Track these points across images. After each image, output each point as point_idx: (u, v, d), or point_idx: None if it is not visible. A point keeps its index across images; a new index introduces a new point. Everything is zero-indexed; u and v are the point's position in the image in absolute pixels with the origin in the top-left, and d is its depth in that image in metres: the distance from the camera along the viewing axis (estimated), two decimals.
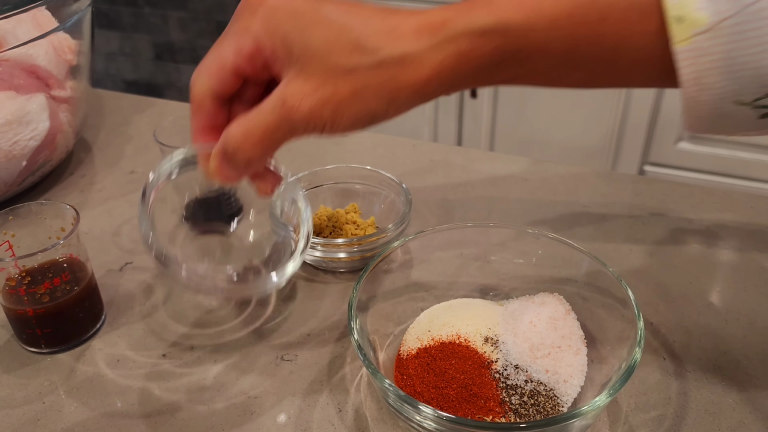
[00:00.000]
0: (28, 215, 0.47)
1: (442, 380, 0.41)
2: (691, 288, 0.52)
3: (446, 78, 0.39)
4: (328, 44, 0.38)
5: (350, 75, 0.38)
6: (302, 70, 0.39)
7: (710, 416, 0.42)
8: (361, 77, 0.38)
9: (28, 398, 0.44)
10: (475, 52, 0.38)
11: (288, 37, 0.39)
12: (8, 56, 0.58)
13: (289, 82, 0.39)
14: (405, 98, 0.39)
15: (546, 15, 0.38)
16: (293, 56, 0.39)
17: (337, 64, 0.38)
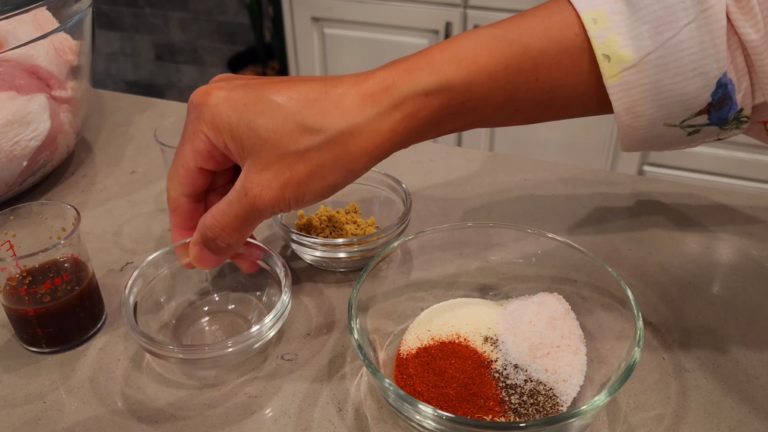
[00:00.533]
0: (29, 215, 0.47)
1: (442, 380, 0.42)
2: (690, 288, 0.52)
3: (398, 140, 0.41)
4: (275, 132, 0.39)
5: (303, 156, 0.40)
6: (256, 160, 0.40)
7: (709, 416, 0.42)
8: (314, 156, 0.40)
9: (29, 398, 0.44)
10: (422, 112, 0.40)
11: (235, 132, 0.40)
12: (9, 57, 0.59)
13: (247, 172, 0.40)
14: (361, 166, 0.41)
15: (484, 69, 0.40)
16: (245, 148, 0.40)
17: (288, 149, 0.39)
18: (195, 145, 0.42)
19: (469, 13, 1.52)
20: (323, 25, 1.68)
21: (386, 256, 0.46)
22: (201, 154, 0.42)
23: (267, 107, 0.40)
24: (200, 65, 2.47)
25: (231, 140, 0.40)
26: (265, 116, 0.39)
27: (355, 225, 0.56)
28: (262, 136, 0.39)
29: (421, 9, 1.56)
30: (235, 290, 0.51)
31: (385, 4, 1.58)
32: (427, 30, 1.58)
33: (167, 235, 0.59)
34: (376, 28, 1.63)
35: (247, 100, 0.40)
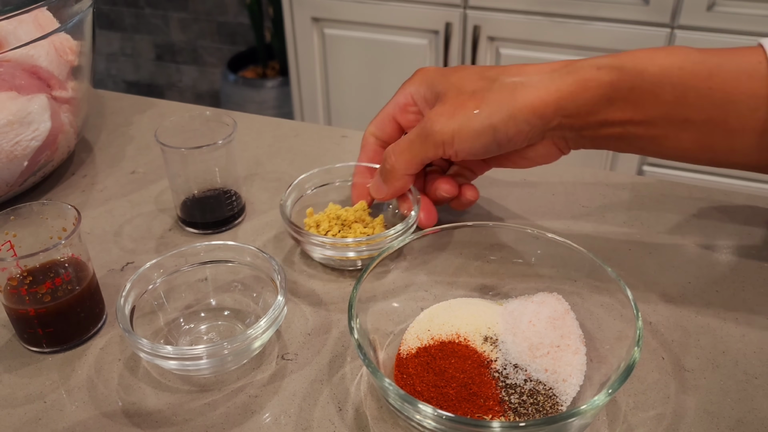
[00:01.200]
0: (30, 215, 0.47)
1: (442, 379, 0.42)
2: (689, 287, 0.52)
3: (563, 104, 0.45)
4: (461, 79, 0.49)
5: (475, 95, 0.47)
6: (441, 100, 0.49)
7: (709, 415, 0.42)
8: (484, 96, 0.46)
9: (29, 397, 0.44)
10: (593, 82, 0.44)
11: (434, 84, 0.50)
12: (9, 57, 0.59)
13: (431, 109, 0.49)
14: (523, 117, 0.45)
15: (657, 63, 0.43)
16: (436, 93, 0.50)
17: (465, 89, 0.48)
18: (398, 99, 0.54)
19: (469, 14, 1.52)
20: (323, 26, 1.68)
21: (386, 256, 0.46)
22: (399, 105, 0.53)
23: (462, 69, 0.50)
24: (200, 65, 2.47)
25: (428, 89, 0.51)
26: (457, 72, 0.50)
27: (364, 224, 0.56)
28: (451, 81, 0.49)
29: (421, 9, 1.56)
30: (232, 294, 0.51)
31: (385, 5, 1.58)
32: (427, 30, 1.59)
33: (167, 235, 0.60)
34: (376, 28, 1.63)
35: (449, 69, 0.51)
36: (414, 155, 0.50)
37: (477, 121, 0.46)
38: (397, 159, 0.51)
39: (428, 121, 0.48)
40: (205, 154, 0.57)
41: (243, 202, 0.62)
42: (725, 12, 1.32)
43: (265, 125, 0.78)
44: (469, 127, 0.46)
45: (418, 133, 0.49)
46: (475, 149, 0.47)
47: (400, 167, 0.51)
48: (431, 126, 0.48)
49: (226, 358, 0.43)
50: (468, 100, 0.47)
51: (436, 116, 0.48)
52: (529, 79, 0.46)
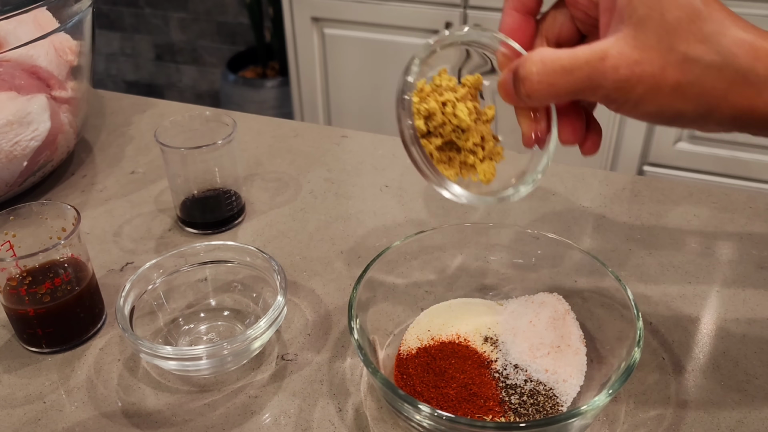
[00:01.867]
0: (29, 215, 0.47)
1: (442, 380, 0.42)
2: (690, 288, 0.52)
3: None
4: (676, 22, 0.33)
5: (684, 64, 0.33)
6: (637, 35, 0.33)
7: (709, 416, 0.42)
8: (694, 71, 0.33)
9: (29, 398, 0.44)
10: None
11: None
12: (9, 57, 0.59)
13: (618, 40, 0.34)
14: (727, 117, 0.34)
15: None
16: (634, 15, 0.34)
17: (676, 48, 0.33)
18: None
19: (469, 13, 1.52)
20: (323, 25, 1.68)
21: (386, 256, 0.46)
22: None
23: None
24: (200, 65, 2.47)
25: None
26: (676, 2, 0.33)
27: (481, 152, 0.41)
28: (662, 17, 0.33)
29: (421, 9, 1.56)
30: (232, 294, 0.51)
31: (385, 5, 1.58)
32: (427, 30, 1.58)
33: (167, 235, 0.59)
34: (376, 28, 1.63)
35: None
36: (565, 92, 0.35)
37: (666, 100, 0.34)
38: (540, 86, 0.35)
39: (607, 67, 0.33)
40: (204, 154, 0.57)
41: (243, 202, 0.62)
42: None
43: (264, 125, 0.78)
44: (652, 101, 0.34)
45: (586, 72, 0.34)
46: (643, 119, 0.36)
47: (540, 97, 0.36)
48: (608, 75, 0.34)
49: (226, 359, 0.43)
50: (671, 68, 0.33)
51: (620, 64, 0.33)
52: (753, 66, 0.33)
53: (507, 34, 0.40)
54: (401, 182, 0.67)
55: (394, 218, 0.62)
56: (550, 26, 0.40)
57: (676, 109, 0.34)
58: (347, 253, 0.57)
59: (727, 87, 0.33)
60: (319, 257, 0.56)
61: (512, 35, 0.40)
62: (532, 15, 0.40)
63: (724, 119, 0.34)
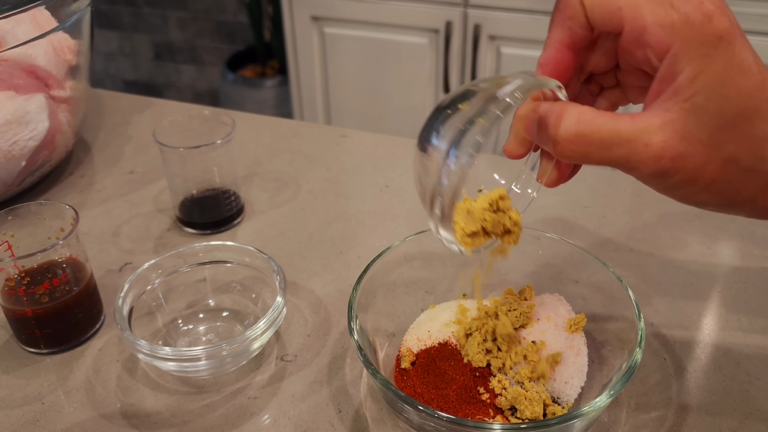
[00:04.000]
0: (28, 215, 0.47)
1: (442, 381, 0.41)
2: (691, 288, 0.52)
3: None
4: (732, 119, 0.30)
5: (725, 165, 0.31)
6: (687, 123, 0.30)
7: (711, 417, 0.42)
8: (731, 172, 0.31)
9: (27, 399, 0.44)
10: None
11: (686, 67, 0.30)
12: (7, 56, 0.58)
13: (665, 125, 0.30)
14: (751, 214, 0.33)
15: None
16: (691, 100, 0.30)
17: (723, 147, 0.30)
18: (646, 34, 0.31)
19: (469, 13, 1.52)
20: (323, 25, 1.68)
21: (386, 256, 0.46)
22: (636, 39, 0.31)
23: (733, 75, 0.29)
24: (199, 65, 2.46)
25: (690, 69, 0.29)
26: (750, 78, 0.30)
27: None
28: (722, 107, 0.29)
29: (421, 8, 1.55)
30: (231, 295, 0.50)
31: (385, 4, 1.58)
32: (428, 29, 1.58)
33: (166, 235, 0.59)
34: (376, 27, 1.63)
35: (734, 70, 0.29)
36: (597, 161, 0.32)
37: (697, 195, 0.32)
38: (571, 151, 0.32)
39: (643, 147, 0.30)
40: (203, 153, 0.57)
41: (242, 202, 0.62)
42: None
43: (264, 125, 0.77)
44: (683, 192, 0.32)
45: (624, 151, 0.31)
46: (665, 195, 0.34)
47: (566, 157, 0.33)
48: (643, 158, 0.31)
49: (225, 360, 0.43)
50: (711, 164, 0.30)
51: (658, 147, 0.30)
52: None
53: (548, 65, 0.36)
54: (401, 182, 0.66)
55: (394, 218, 0.61)
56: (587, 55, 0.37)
57: (702, 200, 0.33)
58: (347, 254, 0.57)
59: (756, 191, 0.32)
60: (318, 257, 0.56)
61: (554, 67, 0.36)
62: (581, 51, 0.36)
63: (749, 214, 0.33)
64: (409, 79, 1.63)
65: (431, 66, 1.61)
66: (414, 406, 0.36)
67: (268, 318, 0.43)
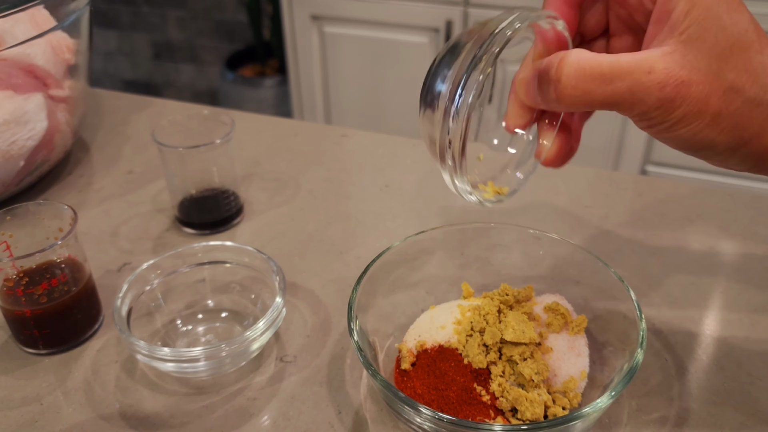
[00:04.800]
0: (26, 215, 0.47)
1: (443, 382, 0.41)
2: (693, 289, 0.52)
3: None
4: (728, 47, 0.31)
5: (728, 94, 0.31)
6: (686, 54, 0.31)
7: (712, 418, 0.41)
8: (735, 103, 0.31)
9: (25, 399, 0.44)
10: None
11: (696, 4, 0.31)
12: (6, 55, 0.58)
13: (665, 56, 0.31)
14: (753, 155, 0.33)
15: None
16: (686, 32, 0.31)
17: (724, 75, 0.31)
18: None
19: (470, 12, 1.52)
20: (322, 24, 1.67)
21: (386, 256, 0.46)
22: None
23: (739, 16, 0.31)
24: (198, 64, 2.46)
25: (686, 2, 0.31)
26: (741, 14, 0.32)
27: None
28: (717, 36, 0.31)
29: (421, 7, 1.55)
30: (230, 295, 0.50)
31: (385, 2, 1.58)
32: (428, 28, 1.58)
33: (165, 235, 0.59)
34: (375, 26, 1.62)
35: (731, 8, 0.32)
36: (600, 101, 0.32)
37: (700, 126, 0.32)
38: (573, 89, 0.32)
39: (648, 81, 0.31)
40: (202, 153, 0.56)
41: (241, 202, 0.61)
42: None
43: (263, 124, 0.77)
44: (687, 126, 0.32)
45: (626, 84, 0.31)
46: (669, 142, 0.34)
47: (570, 102, 0.33)
48: (649, 90, 0.31)
49: (224, 360, 0.43)
50: (715, 94, 0.31)
51: (663, 79, 0.31)
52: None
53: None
54: (401, 182, 0.66)
55: (394, 218, 0.61)
56: (581, 15, 0.37)
57: (709, 139, 0.32)
58: (347, 254, 0.57)
59: (762, 124, 0.32)
60: (318, 258, 0.56)
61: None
62: (579, 7, 0.36)
63: (751, 156, 0.33)
64: (409, 79, 1.63)
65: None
66: (414, 407, 0.36)
67: (268, 318, 0.43)
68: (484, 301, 0.45)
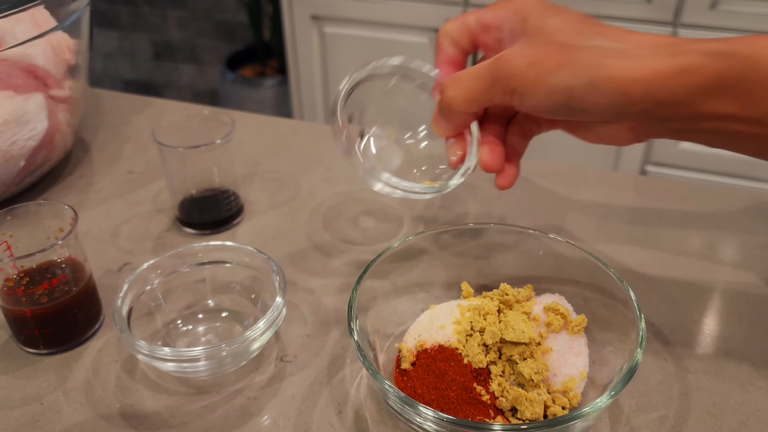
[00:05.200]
0: (27, 215, 0.47)
1: (442, 382, 0.41)
2: (692, 288, 0.52)
3: (656, 87, 0.39)
4: (558, 26, 0.42)
5: (565, 49, 0.40)
6: (526, 41, 0.42)
7: (712, 417, 0.42)
8: (573, 52, 0.40)
9: (26, 399, 0.44)
10: (700, 70, 0.38)
11: (528, 18, 0.43)
12: (6, 56, 0.58)
13: (512, 47, 0.42)
14: (606, 90, 0.39)
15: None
16: (525, 31, 0.43)
17: (556, 39, 0.41)
18: (484, 14, 0.47)
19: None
20: (323, 24, 1.67)
21: (386, 256, 0.46)
22: (483, 23, 0.46)
23: (563, 14, 0.43)
24: (199, 64, 2.46)
25: (520, 21, 0.43)
26: (559, 14, 0.43)
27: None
28: (546, 24, 0.42)
29: (421, 7, 1.55)
30: (230, 295, 0.50)
31: (385, 3, 1.58)
32: (427, 28, 1.58)
33: (165, 235, 0.59)
34: (375, 26, 1.62)
35: (552, 8, 0.44)
36: (477, 93, 0.43)
37: (555, 78, 0.40)
38: (456, 93, 0.44)
39: (503, 61, 0.42)
40: (203, 153, 0.56)
41: (241, 202, 0.62)
42: (728, 10, 1.31)
43: (263, 124, 0.77)
44: (544, 82, 0.40)
45: (488, 71, 0.42)
46: (543, 106, 0.42)
47: (458, 103, 0.44)
48: (505, 67, 0.41)
49: (225, 360, 0.43)
50: (554, 53, 0.40)
51: (514, 57, 0.41)
52: (627, 48, 0.40)
53: (441, 67, 0.48)
54: None
55: (394, 218, 0.61)
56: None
57: (564, 84, 0.40)
58: (347, 254, 0.57)
59: (602, 59, 0.39)
60: (318, 257, 0.56)
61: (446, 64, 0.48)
62: (460, 52, 0.49)
63: (613, 93, 0.39)
64: None
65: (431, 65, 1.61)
66: (414, 406, 0.36)
67: (268, 318, 0.43)
68: (483, 301, 0.45)
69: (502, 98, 0.43)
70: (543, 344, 0.43)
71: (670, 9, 1.36)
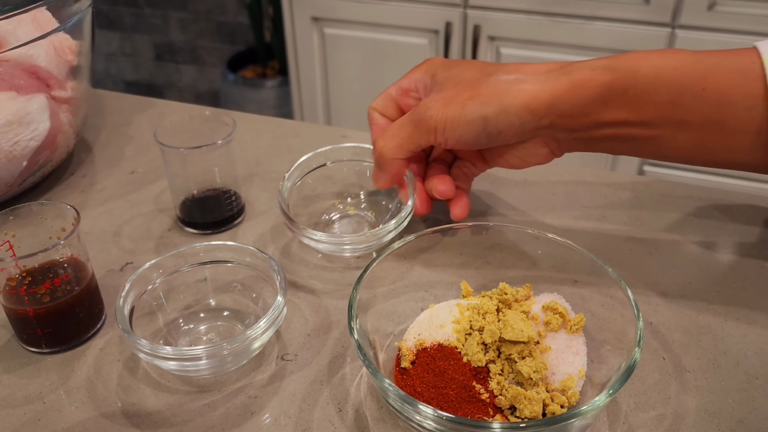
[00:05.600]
0: (29, 215, 0.47)
1: (442, 380, 0.41)
2: (690, 288, 0.52)
3: (557, 102, 0.45)
4: (462, 72, 0.49)
5: (472, 86, 0.47)
6: (438, 89, 0.50)
7: (710, 416, 0.42)
8: (480, 87, 0.47)
9: (28, 398, 0.44)
10: (587, 83, 0.44)
11: (436, 73, 0.51)
12: (9, 57, 0.59)
13: (428, 97, 0.50)
14: (515, 111, 0.46)
15: (651, 64, 0.44)
16: (435, 83, 0.51)
17: (464, 79, 0.48)
18: (401, 82, 0.55)
19: (469, 13, 1.52)
20: (323, 25, 1.68)
21: (386, 256, 0.46)
22: (401, 89, 0.55)
23: (464, 63, 0.50)
24: (200, 65, 2.47)
25: (430, 78, 0.51)
26: (462, 65, 0.50)
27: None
28: (452, 72, 0.49)
29: (421, 9, 1.56)
30: (231, 294, 0.51)
31: (385, 4, 1.58)
32: (428, 30, 1.58)
33: (167, 235, 0.59)
34: (376, 28, 1.63)
35: (455, 61, 0.51)
36: (404, 139, 0.50)
37: (469, 110, 0.46)
38: (386, 143, 0.51)
39: (422, 107, 0.49)
40: (204, 154, 0.57)
41: (242, 202, 0.62)
42: (726, 12, 1.32)
43: (264, 125, 0.78)
44: (461, 115, 0.47)
45: (411, 118, 0.50)
46: (465, 138, 0.48)
47: (389, 151, 0.51)
48: (424, 111, 0.48)
49: (226, 359, 0.43)
50: (463, 90, 0.47)
51: (430, 102, 0.48)
52: (525, 77, 0.46)
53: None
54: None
55: None
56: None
57: (478, 114, 0.46)
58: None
59: (506, 87, 0.46)
60: (319, 257, 0.56)
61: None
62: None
63: (522, 112, 0.46)
64: None
65: None
66: (414, 405, 0.36)
67: (269, 317, 0.43)
68: (483, 300, 0.46)
69: (427, 139, 0.49)
70: (542, 343, 0.43)
71: (668, 10, 1.36)
